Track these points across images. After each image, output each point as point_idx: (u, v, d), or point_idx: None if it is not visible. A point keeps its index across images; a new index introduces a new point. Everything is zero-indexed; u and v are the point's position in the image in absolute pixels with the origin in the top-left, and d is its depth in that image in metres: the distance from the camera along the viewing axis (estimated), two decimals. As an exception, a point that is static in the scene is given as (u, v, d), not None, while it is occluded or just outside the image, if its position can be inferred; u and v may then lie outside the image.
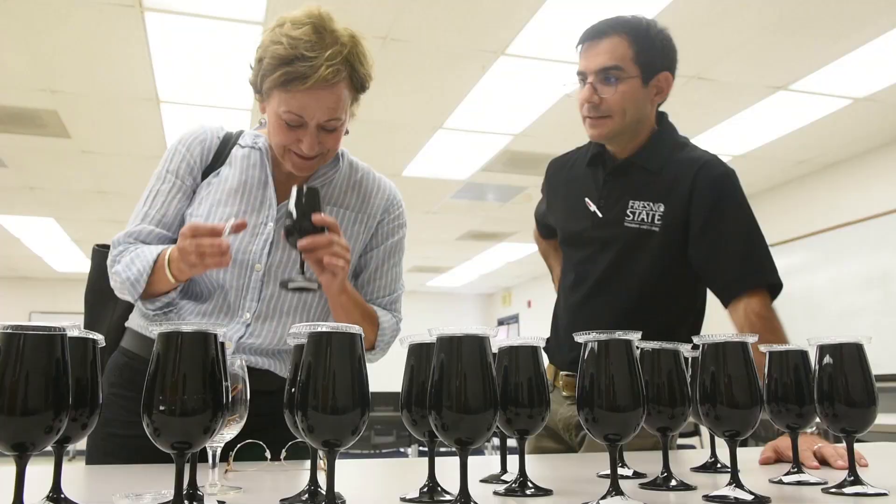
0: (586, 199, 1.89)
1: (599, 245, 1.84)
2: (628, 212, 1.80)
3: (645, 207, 1.79)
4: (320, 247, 1.40)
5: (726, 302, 1.72)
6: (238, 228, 1.41)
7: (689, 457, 1.65)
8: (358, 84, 1.55)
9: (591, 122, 1.82)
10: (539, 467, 1.48)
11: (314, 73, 1.43)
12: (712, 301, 1.85)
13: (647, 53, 1.77)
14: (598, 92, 1.76)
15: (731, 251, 1.71)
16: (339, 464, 0.87)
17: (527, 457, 1.12)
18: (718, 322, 1.74)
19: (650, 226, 1.77)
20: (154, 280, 1.49)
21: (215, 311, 1.57)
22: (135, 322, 1.64)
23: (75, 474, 1.33)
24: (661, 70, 1.80)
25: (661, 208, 1.77)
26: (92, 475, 1.32)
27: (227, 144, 1.67)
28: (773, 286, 1.71)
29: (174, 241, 1.60)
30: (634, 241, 1.78)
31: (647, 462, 1.40)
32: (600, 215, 1.85)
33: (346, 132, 1.59)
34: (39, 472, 1.08)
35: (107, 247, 1.67)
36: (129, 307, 1.68)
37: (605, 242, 1.83)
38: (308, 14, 1.48)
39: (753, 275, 1.70)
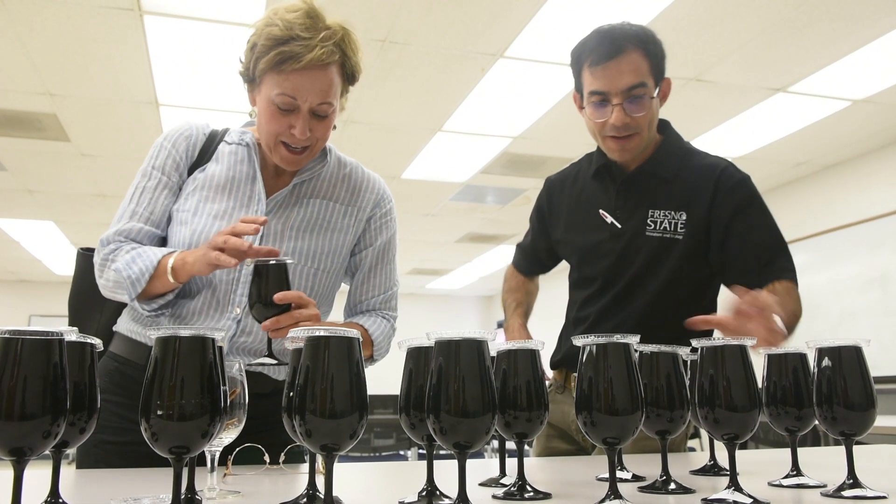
0: (600, 211, 1.89)
1: (620, 255, 1.84)
2: (649, 221, 1.81)
3: (667, 216, 1.80)
4: (284, 326, 1.38)
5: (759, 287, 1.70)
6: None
7: (689, 459, 1.65)
8: (349, 72, 1.57)
9: (618, 144, 1.79)
10: (538, 470, 1.48)
11: (309, 52, 1.46)
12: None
13: (658, 64, 1.78)
14: (628, 112, 1.74)
15: (762, 243, 1.75)
16: (338, 467, 0.87)
17: (527, 460, 1.12)
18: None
19: (673, 234, 1.78)
20: (151, 280, 1.48)
21: (205, 307, 1.56)
22: (124, 326, 1.63)
23: (73, 479, 1.33)
24: (664, 76, 1.81)
25: (684, 217, 1.78)
26: (90, 479, 1.32)
27: (213, 141, 1.68)
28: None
29: (163, 239, 1.61)
30: (658, 250, 1.80)
31: (647, 465, 1.40)
32: (619, 226, 1.85)
33: (334, 127, 1.60)
34: (37, 477, 1.08)
35: (92, 250, 1.67)
36: (117, 311, 1.67)
37: (627, 252, 1.83)
38: (302, 0, 1.51)
39: (785, 268, 1.73)
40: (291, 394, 0.85)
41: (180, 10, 3.80)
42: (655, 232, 1.80)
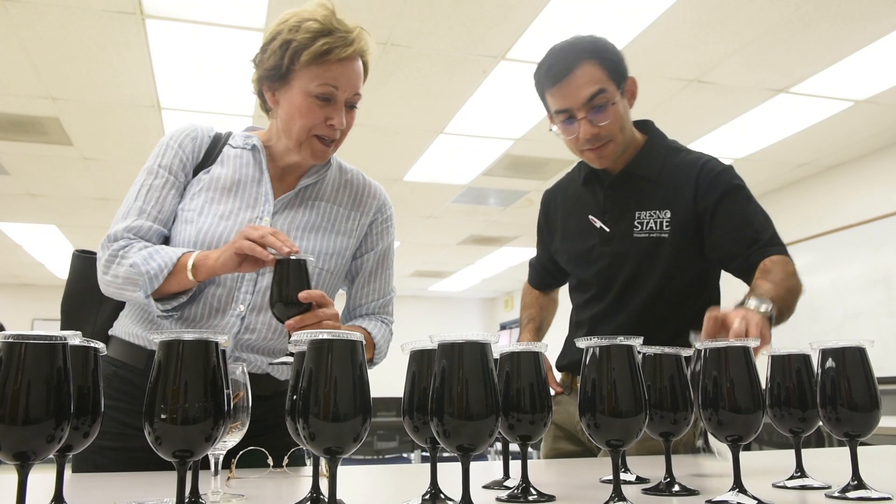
0: (590, 217, 1.91)
1: (611, 259, 1.86)
2: (636, 223, 1.82)
3: (652, 216, 1.81)
4: (308, 324, 1.37)
5: (752, 267, 1.68)
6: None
7: (693, 461, 1.65)
8: (367, 68, 1.62)
9: (595, 154, 1.81)
10: (542, 473, 1.47)
11: (351, 44, 1.52)
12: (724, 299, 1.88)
13: (615, 67, 1.79)
14: (594, 122, 1.76)
15: (745, 223, 1.74)
16: (342, 470, 0.87)
17: (531, 462, 1.12)
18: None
19: (660, 233, 1.80)
20: (168, 278, 1.47)
21: (209, 304, 1.55)
22: (122, 330, 1.61)
23: (77, 482, 1.33)
24: (626, 77, 1.82)
25: (668, 215, 1.80)
26: (94, 483, 1.32)
27: (217, 143, 1.68)
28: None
29: (167, 239, 1.60)
30: (647, 251, 1.81)
31: (650, 467, 1.40)
32: (608, 230, 1.87)
33: None
34: (41, 480, 1.08)
35: (88, 252, 1.65)
36: (112, 315, 1.65)
37: (618, 256, 1.84)
38: (319, 4, 1.55)
39: (772, 242, 1.72)
40: (295, 397, 0.85)
41: (182, 14, 3.80)
42: (642, 233, 1.81)
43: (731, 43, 4.15)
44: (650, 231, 1.80)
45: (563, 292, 2.30)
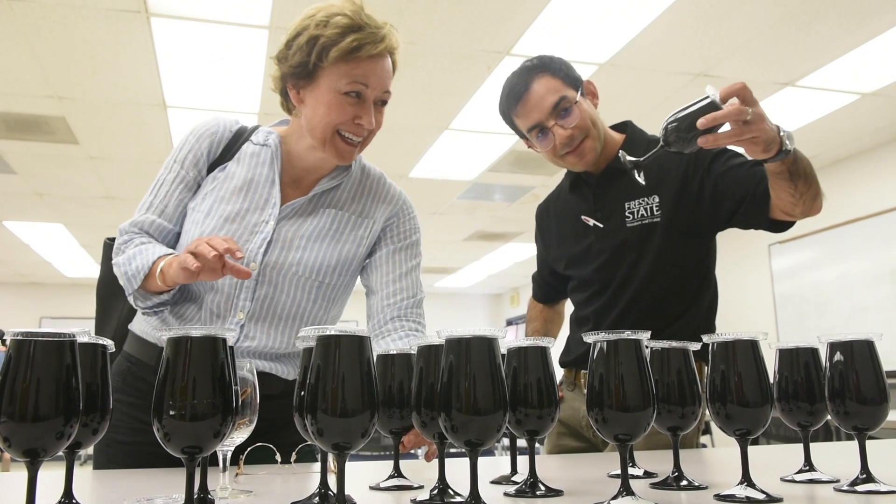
0: (583, 217, 1.95)
1: (609, 253, 1.89)
2: (627, 213, 1.87)
3: (641, 204, 1.85)
4: (424, 443, 1.34)
5: (765, 191, 1.63)
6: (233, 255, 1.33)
7: (701, 456, 1.65)
8: (395, 65, 1.58)
9: (575, 155, 1.85)
10: (549, 468, 1.47)
11: (383, 40, 1.48)
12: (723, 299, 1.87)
13: (567, 74, 1.85)
14: (565, 126, 1.81)
15: (753, 164, 1.68)
16: (349, 466, 0.87)
17: (538, 457, 1.11)
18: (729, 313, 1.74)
19: (651, 218, 1.83)
20: (147, 280, 1.47)
21: (207, 311, 1.54)
22: (136, 326, 1.62)
23: (87, 479, 1.34)
24: (580, 80, 1.87)
25: (657, 199, 1.83)
26: (103, 480, 1.33)
27: (238, 139, 1.65)
28: None
29: (178, 234, 1.60)
30: (642, 239, 1.84)
31: (658, 462, 1.40)
32: (601, 226, 1.91)
33: None
34: (51, 477, 1.09)
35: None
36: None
37: (615, 249, 1.87)
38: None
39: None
40: (303, 393, 0.85)
41: (187, 13, 3.81)
42: (634, 221, 1.85)
43: (737, 37, 4.14)
44: (642, 218, 1.84)
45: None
